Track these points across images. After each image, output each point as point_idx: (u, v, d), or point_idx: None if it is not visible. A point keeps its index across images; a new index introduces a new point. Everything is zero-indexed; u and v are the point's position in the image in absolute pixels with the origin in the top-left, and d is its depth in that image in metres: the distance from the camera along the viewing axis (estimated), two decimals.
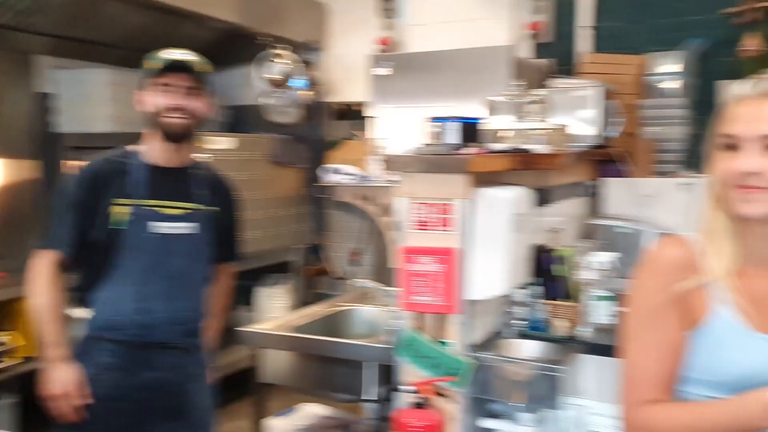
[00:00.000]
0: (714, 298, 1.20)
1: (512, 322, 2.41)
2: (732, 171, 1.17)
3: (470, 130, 2.23)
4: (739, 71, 3.61)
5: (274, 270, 4.56)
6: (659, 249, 1.28)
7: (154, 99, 2.10)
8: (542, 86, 3.38)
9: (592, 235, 3.49)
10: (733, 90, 1.21)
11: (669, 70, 3.71)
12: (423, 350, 2.13)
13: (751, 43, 3.53)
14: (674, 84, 3.69)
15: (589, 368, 2.30)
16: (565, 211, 3.15)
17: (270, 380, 2.67)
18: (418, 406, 2.05)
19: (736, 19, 3.64)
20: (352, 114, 4.55)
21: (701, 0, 3.79)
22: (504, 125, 2.43)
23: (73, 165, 3.68)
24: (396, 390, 2.22)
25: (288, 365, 2.61)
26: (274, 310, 4.27)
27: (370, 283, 2.70)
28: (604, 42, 4.00)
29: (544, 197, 2.71)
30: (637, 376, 1.23)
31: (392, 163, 2.14)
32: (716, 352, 1.19)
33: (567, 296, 2.56)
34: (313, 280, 4.72)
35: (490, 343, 2.32)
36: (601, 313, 2.34)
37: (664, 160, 3.64)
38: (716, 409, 1.14)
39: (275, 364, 2.63)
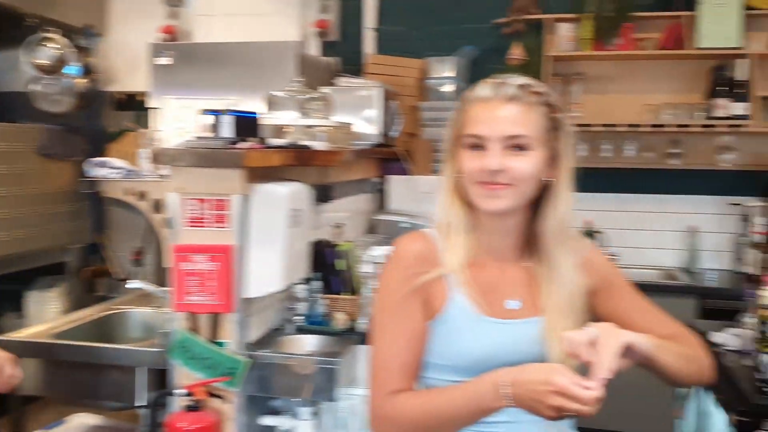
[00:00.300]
0: (451, 288, 1.29)
1: (292, 317, 2.42)
2: (477, 169, 1.25)
3: (247, 125, 2.19)
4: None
5: (48, 272, 4.20)
6: (402, 244, 1.34)
7: None
8: (329, 84, 3.43)
9: (376, 230, 3.61)
10: (475, 92, 1.29)
11: (446, 74, 3.93)
12: (197, 351, 2.06)
13: (516, 52, 3.84)
14: (451, 88, 3.92)
15: (365, 358, 2.36)
16: (350, 207, 3.23)
17: (34, 392, 2.45)
18: (191, 408, 1.98)
19: (505, 29, 3.95)
20: (134, 104, 4.31)
21: (475, 9, 4.06)
22: (285, 121, 2.42)
23: None
24: (170, 394, 2.13)
25: (52, 374, 2.41)
26: (47, 316, 3.93)
27: (144, 284, 2.56)
28: (388, 44, 4.15)
29: (327, 193, 2.75)
30: (384, 367, 1.27)
31: (161, 156, 2.05)
32: (452, 338, 1.27)
33: (349, 290, 2.62)
34: (92, 281, 4.41)
35: (269, 340, 2.31)
36: None
37: (439, 159, 3.85)
38: (455, 393, 1.20)
39: (38, 374, 2.41)
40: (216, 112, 2.10)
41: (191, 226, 2.05)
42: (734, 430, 1.86)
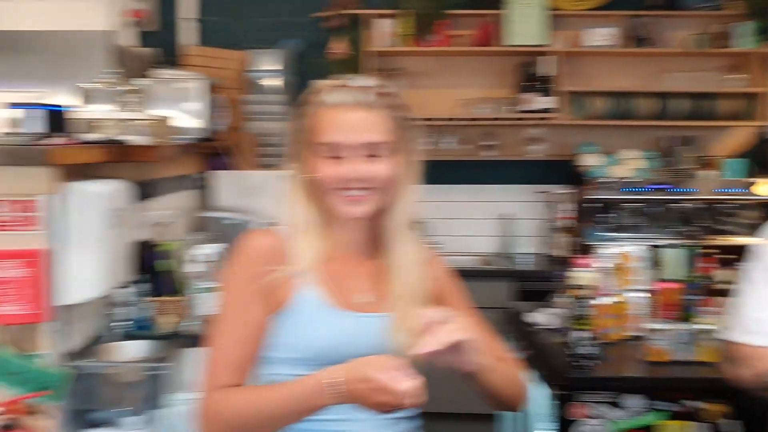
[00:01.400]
0: (299, 282, 1.28)
1: (115, 323, 2.28)
2: (334, 177, 1.24)
3: (57, 119, 2.03)
4: (327, 71, 3.96)
5: None
6: (248, 240, 1.32)
7: None
8: (145, 76, 3.26)
9: (202, 228, 3.50)
10: (324, 97, 1.25)
11: (268, 67, 3.88)
12: (8, 366, 1.89)
13: (337, 47, 3.87)
14: (274, 81, 3.88)
15: (196, 361, 2.29)
16: (171, 205, 3.10)
17: None
18: (6, 428, 1.81)
19: (325, 24, 3.97)
20: None
21: (295, 2, 4.05)
22: (99, 114, 2.28)
23: None
24: None
25: None
26: None
27: None
28: (208, 35, 4.03)
29: (147, 191, 2.62)
30: (215, 362, 1.25)
31: None
32: (301, 330, 1.26)
33: (174, 291, 2.51)
34: None
35: (91, 348, 2.16)
36: (207, 304, 2.35)
37: (266, 153, 3.81)
38: (282, 389, 1.19)
39: None
40: (24, 106, 1.93)
41: None
42: (555, 402, 2.00)
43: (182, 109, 3.15)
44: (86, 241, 1.97)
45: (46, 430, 1.94)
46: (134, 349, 2.25)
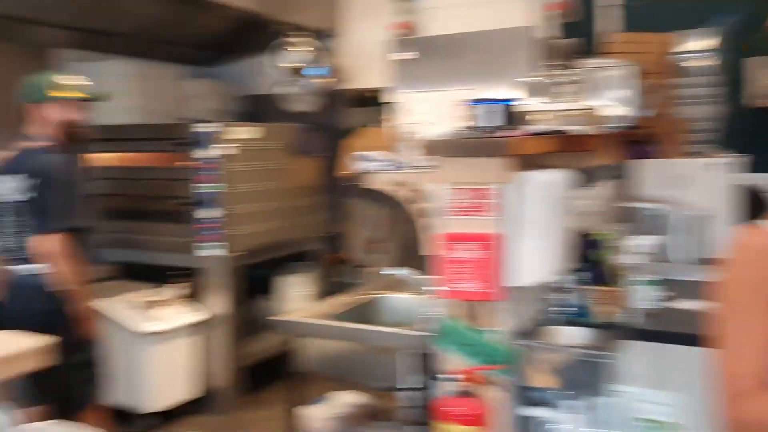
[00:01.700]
0: None
1: (555, 308, 2.35)
2: None
3: (509, 113, 2.16)
4: (763, 48, 3.54)
5: (294, 260, 4.53)
6: (742, 239, 1.23)
7: None
8: (567, 66, 3.30)
9: (624, 218, 3.42)
10: None
11: (697, 47, 3.62)
12: (464, 338, 2.07)
13: None
14: (702, 62, 3.60)
15: (637, 354, 2.24)
16: (600, 194, 3.09)
17: (303, 368, 2.63)
18: (464, 394, 2.00)
19: None
20: (367, 101, 4.48)
21: None
22: (539, 107, 2.36)
23: (93, 157, 3.65)
24: (435, 378, 2.17)
25: (322, 353, 2.57)
26: (295, 299, 4.24)
27: (401, 271, 2.63)
28: (630, 20, 3.93)
29: (580, 180, 2.65)
30: (736, 368, 1.19)
31: (432, 147, 2.08)
32: None
33: (606, 281, 2.50)
34: (333, 269, 4.68)
35: (533, 330, 2.26)
36: (645, 297, 2.28)
37: (694, 140, 3.57)
38: None
39: (309, 352, 2.58)
40: (480, 102, 2.09)
41: (457, 215, 2.05)
42: None
43: (607, 97, 3.11)
44: (535, 228, 2.06)
45: (497, 402, 2.09)
46: (573, 335, 2.29)
